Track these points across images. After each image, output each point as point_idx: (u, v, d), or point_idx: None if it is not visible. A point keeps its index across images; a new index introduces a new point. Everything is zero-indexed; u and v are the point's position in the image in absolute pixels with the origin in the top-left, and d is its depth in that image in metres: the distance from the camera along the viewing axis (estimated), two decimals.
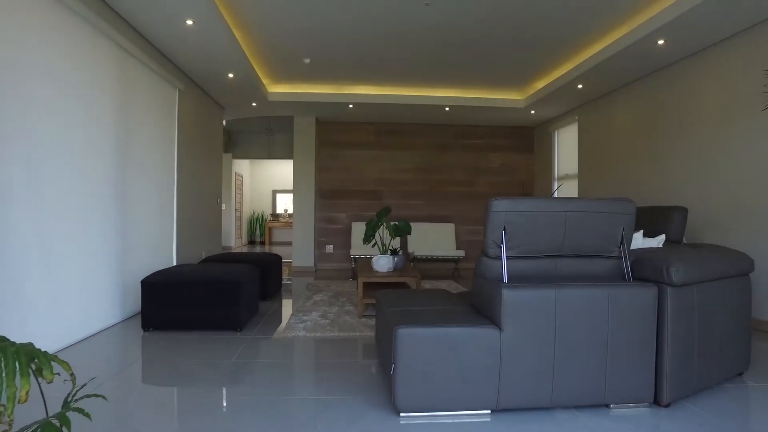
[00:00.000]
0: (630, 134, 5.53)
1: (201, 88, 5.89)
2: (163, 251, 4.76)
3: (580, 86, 5.71)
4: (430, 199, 8.05)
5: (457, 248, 7.71)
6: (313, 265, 7.53)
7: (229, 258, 4.84)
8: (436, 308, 2.44)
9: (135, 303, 3.97)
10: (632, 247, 2.61)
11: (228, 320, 3.55)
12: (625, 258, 2.34)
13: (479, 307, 2.35)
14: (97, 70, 3.52)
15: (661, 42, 4.17)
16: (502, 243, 2.25)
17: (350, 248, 7.68)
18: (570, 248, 2.32)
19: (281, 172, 14.15)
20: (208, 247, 6.24)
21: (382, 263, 4.08)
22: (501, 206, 2.24)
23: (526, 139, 8.28)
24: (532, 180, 8.27)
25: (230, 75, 5.34)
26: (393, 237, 4.13)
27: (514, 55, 5.28)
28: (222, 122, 6.95)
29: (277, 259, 5.34)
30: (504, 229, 2.24)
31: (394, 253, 4.39)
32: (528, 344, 2.08)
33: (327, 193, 7.90)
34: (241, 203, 13.34)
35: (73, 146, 3.23)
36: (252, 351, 3.13)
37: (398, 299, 2.69)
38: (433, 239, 7.28)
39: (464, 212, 8.11)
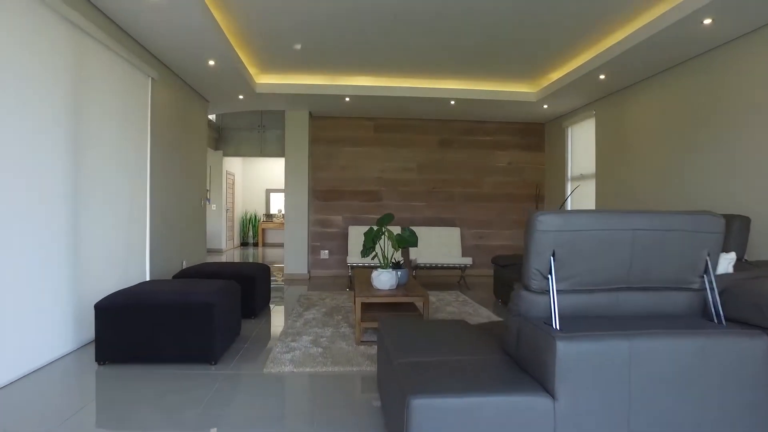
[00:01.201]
0: (660, 129, 4.96)
1: (181, 79, 5.28)
2: (133, 263, 4.17)
3: (602, 77, 5.13)
4: (432, 201, 7.48)
5: (463, 254, 7.14)
6: (306, 272, 6.94)
7: (208, 271, 4.25)
8: (459, 357, 1.86)
9: (92, 328, 3.38)
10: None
11: (200, 351, 2.96)
12: (712, 291, 1.76)
13: (518, 358, 1.78)
14: (42, 49, 2.92)
15: (707, 21, 3.59)
16: (551, 274, 1.67)
17: (347, 255, 7.10)
18: (637, 278, 1.75)
19: (275, 170, 13.54)
20: (192, 254, 5.65)
21: (384, 280, 3.50)
22: (549, 223, 1.66)
23: (535, 136, 7.71)
24: (541, 180, 7.70)
25: (211, 62, 4.73)
26: (396, 249, 3.56)
27: (527, 42, 4.70)
28: (206, 117, 6.35)
29: (265, 270, 4.75)
30: (553, 255, 1.66)
31: (396, 266, 3.81)
32: (592, 420, 1.50)
33: (322, 193, 7.31)
34: (233, 203, 12.73)
35: (11, 137, 2.63)
36: (226, 395, 2.55)
37: (406, 338, 2.11)
38: (437, 245, 6.70)
39: (469, 215, 7.54)
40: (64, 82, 3.16)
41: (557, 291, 1.69)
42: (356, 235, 6.70)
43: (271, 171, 13.69)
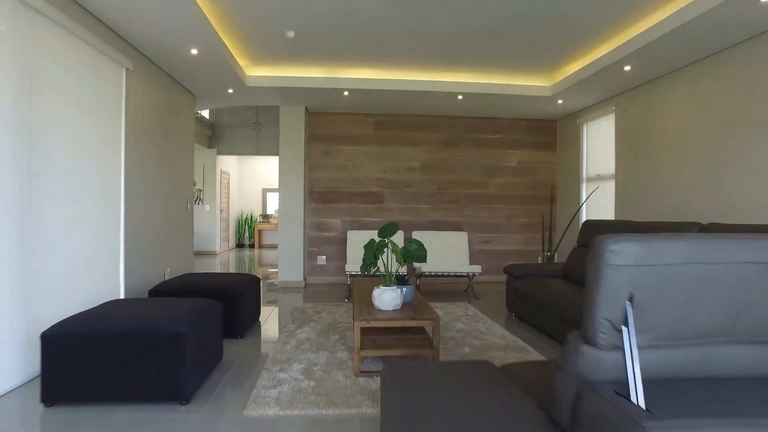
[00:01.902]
0: (694, 125, 4.47)
1: (162, 70, 4.79)
2: (103, 277, 3.68)
3: (627, 68, 4.64)
4: (437, 203, 6.99)
5: (471, 260, 6.66)
6: (302, 279, 6.46)
7: (190, 286, 3.77)
8: (493, 425, 1.37)
9: None
10: None
11: (168, 389, 2.48)
12: None
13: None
14: None
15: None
16: (627, 325, 1.19)
17: (345, 261, 6.62)
18: (746, 329, 1.26)
19: (272, 169, 13.06)
20: (177, 261, 5.17)
21: (387, 300, 3.02)
22: (626, 254, 1.18)
23: (547, 134, 7.22)
24: (553, 180, 7.21)
25: (193, 51, 4.25)
26: (402, 264, 3.08)
27: (544, 31, 4.21)
28: (193, 112, 5.86)
29: (254, 283, 4.27)
30: (631, 300, 1.18)
31: (401, 281, 3.33)
32: None
33: (319, 195, 6.82)
34: (228, 203, 12.26)
35: None
36: None
37: (417, 401, 1.62)
38: (443, 250, 6.22)
39: (476, 218, 7.05)
40: (6, 70, 2.67)
41: (634, 347, 1.20)
42: (356, 241, 6.22)
43: (268, 170, 13.21)
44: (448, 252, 6.20)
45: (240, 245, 13.20)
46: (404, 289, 3.25)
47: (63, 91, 3.17)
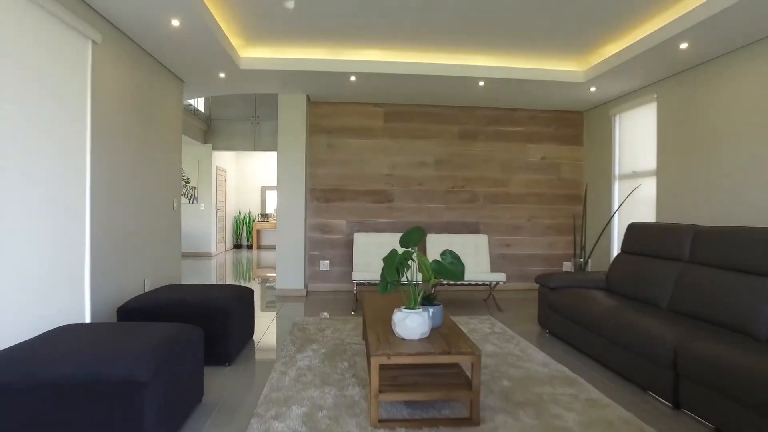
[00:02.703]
0: (762, 113, 3.81)
1: (139, 46, 4.14)
2: (62, 295, 3.02)
3: (684, 45, 3.97)
4: (453, 202, 6.33)
5: (491, 266, 6.00)
6: (303, 286, 5.81)
7: (169, 302, 3.12)
8: None
9: None
10: None
11: None
12: None
13: None
14: None
15: None
16: None
17: (351, 266, 5.97)
18: None
19: (271, 165, 12.40)
20: (161, 269, 4.52)
21: (413, 327, 2.36)
22: None
23: (573, 127, 6.55)
24: (579, 178, 6.55)
25: (174, 22, 3.59)
26: (432, 281, 2.43)
27: (579, 5, 3.56)
28: (181, 100, 5.20)
29: (246, 297, 3.62)
30: None
31: (428, 301, 2.67)
32: None
33: (321, 193, 6.17)
34: (225, 202, 11.61)
35: None
36: None
37: None
38: (461, 256, 5.55)
39: (495, 219, 6.40)
40: None
41: None
42: (363, 244, 5.56)
43: (267, 167, 12.56)
44: (467, 257, 5.54)
45: (238, 246, 12.56)
46: (431, 311, 2.59)
47: (5, 66, 2.51)
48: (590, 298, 3.65)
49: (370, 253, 5.45)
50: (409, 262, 2.38)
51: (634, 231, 4.09)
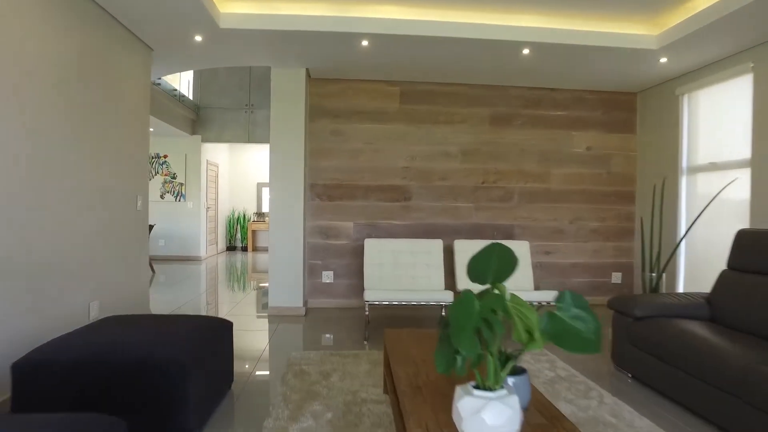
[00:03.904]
0: None
1: (93, 1, 3.08)
2: None
3: None
4: (482, 201, 5.27)
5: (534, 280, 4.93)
6: (301, 303, 4.75)
7: (85, 360, 2.05)
8: None
9: None
10: None
11: None
12: None
13: None
14: None
15: None
16: None
17: (360, 278, 4.91)
18: None
19: (267, 159, 11.33)
20: (118, 287, 3.46)
21: (495, 424, 1.30)
22: None
23: (624, 110, 5.48)
24: (631, 172, 5.48)
25: None
26: (532, 347, 1.36)
27: None
28: (148, 73, 4.14)
29: (218, 338, 2.56)
30: None
31: (513, 371, 1.60)
32: None
33: (324, 189, 5.10)
34: (216, 200, 10.55)
35: None
36: None
37: None
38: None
39: (533, 220, 5.33)
40: None
41: None
42: (377, 253, 4.48)
43: (263, 161, 11.47)
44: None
45: (231, 248, 11.50)
46: (513, 384, 1.53)
47: None
48: (692, 334, 2.59)
49: (385, 264, 4.39)
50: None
51: (749, 240, 3.01)
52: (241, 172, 11.61)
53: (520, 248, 4.62)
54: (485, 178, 5.27)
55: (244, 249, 11.44)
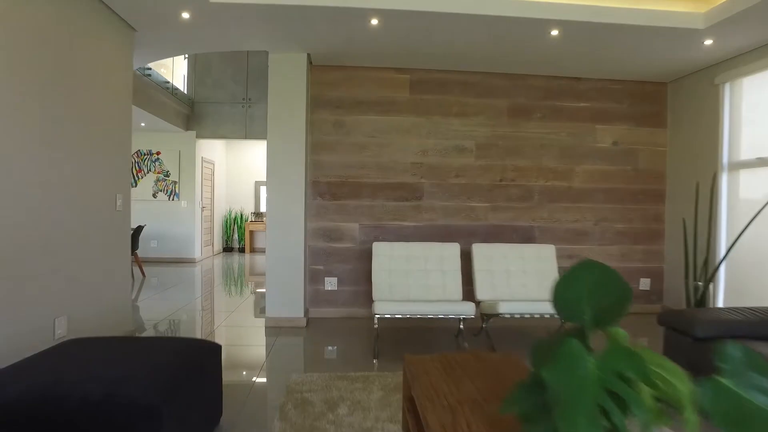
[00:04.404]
0: None
1: None
2: None
3: None
4: (500, 200, 4.82)
5: None
6: (302, 314, 4.29)
7: (59, 383, 1.60)
8: None
9: None
10: None
11: None
12: None
13: None
14: None
15: None
16: None
17: (366, 285, 4.46)
18: None
19: (265, 156, 10.87)
20: (90, 300, 3.01)
21: None
22: None
23: (653, 102, 5.03)
24: (660, 168, 5.03)
25: None
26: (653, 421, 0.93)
27: None
28: (130, 56, 3.68)
29: (203, 365, 2.11)
30: None
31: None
32: None
33: (327, 187, 4.65)
34: (212, 199, 10.09)
35: None
36: None
37: None
38: (521, 274, 4.03)
39: (554, 221, 4.88)
40: None
41: None
42: (386, 258, 4.02)
43: (261, 158, 11.01)
44: (528, 275, 4.02)
45: (228, 249, 11.04)
46: None
47: None
48: None
49: (396, 270, 3.94)
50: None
51: None
52: (238, 170, 11.15)
53: (545, 253, 4.17)
54: (503, 175, 4.82)
55: (242, 250, 10.98)
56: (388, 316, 3.32)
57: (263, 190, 11.09)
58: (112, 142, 3.37)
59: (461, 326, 3.66)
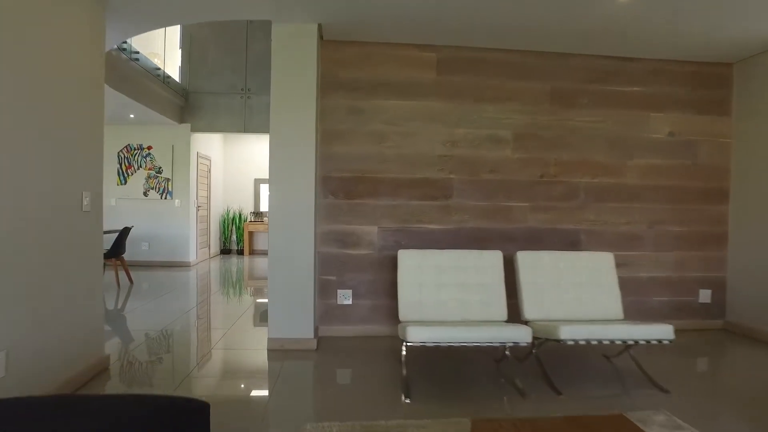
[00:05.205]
0: None
1: None
2: None
3: None
4: (540, 199, 4.15)
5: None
6: (311, 333, 3.61)
7: None
8: None
9: None
10: None
11: None
12: None
13: None
14: None
15: None
16: None
17: (386, 298, 3.79)
18: None
19: (266, 151, 10.20)
20: (49, 328, 2.34)
21: None
22: None
23: (716, 86, 4.36)
24: (725, 164, 4.36)
25: None
26: None
27: None
28: (101, 26, 3.00)
29: (190, 428, 1.43)
30: None
31: None
32: None
33: (340, 185, 3.97)
34: (208, 197, 9.41)
35: None
36: None
37: None
38: (578, 287, 3.35)
39: (603, 224, 4.22)
40: None
41: None
42: (414, 270, 3.32)
43: (262, 153, 10.34)
44: (584, 289, 3.35)
45: (225, 251, 10.37)
46: None
47: None
48: None
49: (426, 285, 3.26)
50: None
51: None
52: (236, 167, 10.47)
53: (602, 262, 3.49)
54: (543, 170, 4.15)
55: (240, 252, 10.31)
56: (424, 343, 2.64)
57: (264, 188, 10.43)
58: (78, 129, 2.69)
59: (507, 352, 2.99)
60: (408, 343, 2.66)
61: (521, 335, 2.69)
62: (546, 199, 4.15)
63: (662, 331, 2.76)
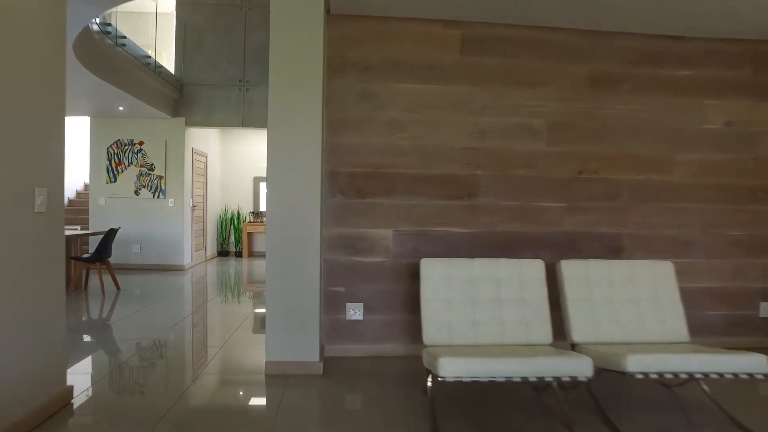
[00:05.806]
0: None
1: None
2: None
3: None
4: (577, 198, 3.62)
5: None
6: (316, 355, 3.08)
7: None
8: None
9: None
10: None
11: None
12: None
13: None
14: None
15: None
16: None
17: (401, 313, 3.27)
18: None
19: (266, 146, 9.68)
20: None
21: None
22: None
23: None
24: None
25: None
26: None
27: None
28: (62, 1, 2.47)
29: None
30: None
31: None
32: None
33: (350, 181, 3.44)
34: (205, 196, 8.89)
35: None
36: None
37: None
38: (628, 303, 2.82)
39: (649, 227, 3.69)
40: None
41: None
42: (441, 282, 2.78)
43: (260, 150, 9.80)
44: (643, 305, 2.82)
45: (223, 253, 9.85)
46: None
47: None
48: None
49: (455, 301, 2.72)
50: None
51: None
52: (234, 164, 9.95)
53: (660, 274, 2.95)
54: (582, 166, 3.62)
55: (239, 254, 9.79)
56: (460, 377, 2.10)
57: (263, 186, 9.90)
58: (28, 111, 2.17)
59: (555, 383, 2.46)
60: (441, 378, 2.12)
61: (581, 368, 2.15)
62: (584, 198, 3.61)
63: (753, 363, 2.22)
